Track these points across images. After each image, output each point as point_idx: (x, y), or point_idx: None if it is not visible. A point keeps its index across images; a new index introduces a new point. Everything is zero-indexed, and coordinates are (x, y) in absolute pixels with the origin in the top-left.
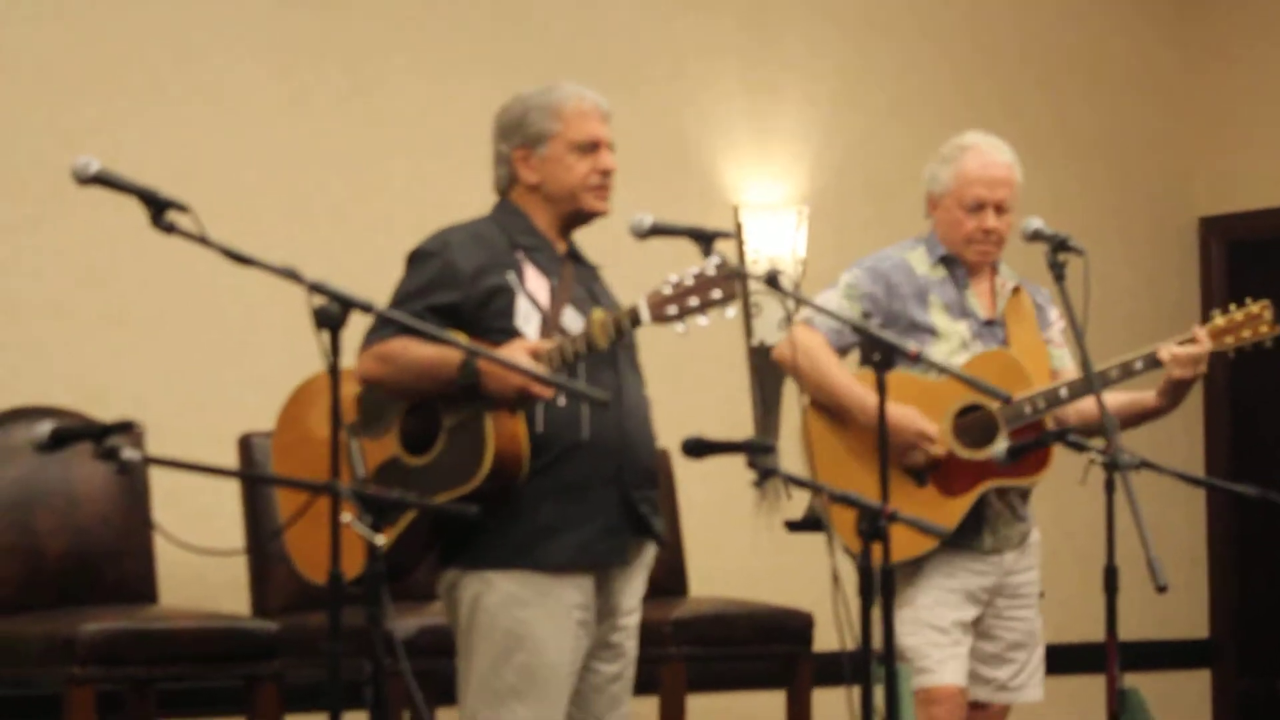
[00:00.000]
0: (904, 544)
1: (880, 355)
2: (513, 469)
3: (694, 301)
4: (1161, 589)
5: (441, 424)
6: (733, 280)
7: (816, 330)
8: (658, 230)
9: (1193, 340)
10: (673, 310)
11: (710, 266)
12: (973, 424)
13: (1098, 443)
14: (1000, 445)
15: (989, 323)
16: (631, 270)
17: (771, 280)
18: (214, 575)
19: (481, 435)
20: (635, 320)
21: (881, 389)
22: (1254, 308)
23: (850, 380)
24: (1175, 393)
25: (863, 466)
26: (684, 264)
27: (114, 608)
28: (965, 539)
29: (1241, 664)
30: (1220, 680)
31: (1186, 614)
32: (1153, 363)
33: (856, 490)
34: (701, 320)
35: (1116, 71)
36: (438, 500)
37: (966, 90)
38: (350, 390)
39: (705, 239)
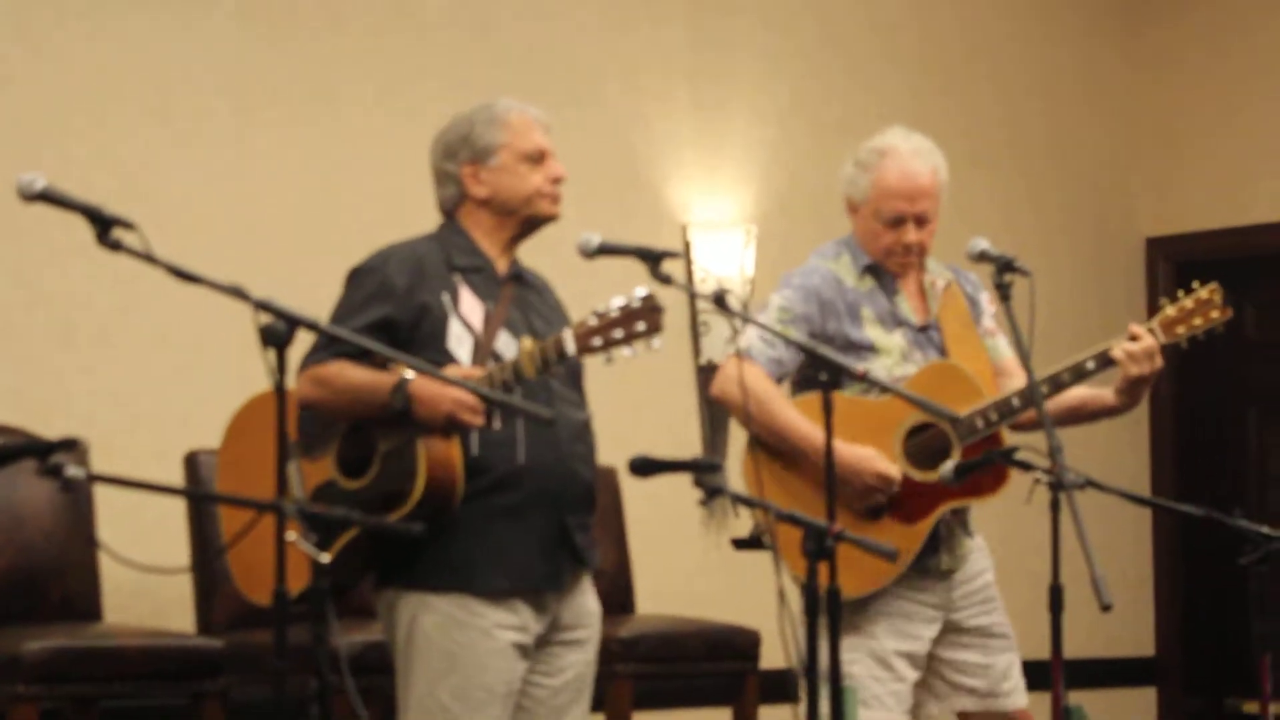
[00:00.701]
0: (863, 578)
1: (828, 376)
2: (445, 495)
3: (618, 334)
4: (1106, 608)
5: (376, 449)
6: (658, 313)
7: (754, 362)
8: (605, 250)
9: (1133, 337)
10: (597, 342)
11: (635, 299)
12: (925, 444)
13: (1043, 462)
14: (946, 465)
15: (924, 329)
16: (579, 290)
17: (719, 300)
18: (159, 593)
19: (413, 461)
20: (560, 353)
21: (828, 409)
22: (1203, 293)
23: (797, 417)
24: (1133, 391)
25: (810, 505)
26: (632, 283)
27: (58, 625)
28: (921, 561)
29: (1187, 682)
30: (1166, 698)
31: (1132, 632)
32: (1105, 361)
33: None
34: (626, 352)
35: (1065, 92)
36: (352, 531)
37: (917, 110)
38: (292, 410)
39: (653, 258)
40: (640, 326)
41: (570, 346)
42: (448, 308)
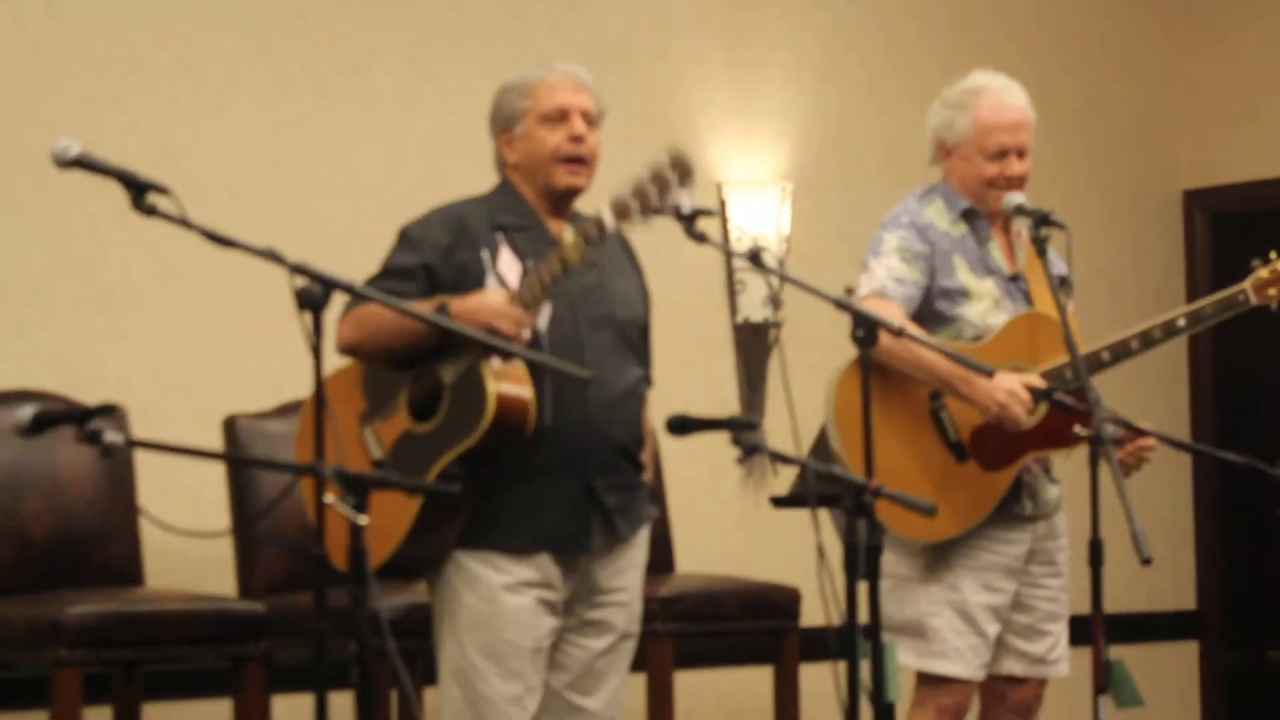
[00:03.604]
0: (941, 523)
1: (863, 331)
2: (519, 417)
3: (654, 195)
4: (1146, 561)
5: (443, 385)
6: (685, 163)
7: (892, 301)
8: None
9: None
10: (635, 206)
11: (659, 159)
12: None
13: (1081, 406)
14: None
15: (1013, 278)
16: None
17: (754, 257)
18: (200, 557)
19: (480, 384)
20: (601, 230)
21: (865, 365)
22: None
23: (946, 355)
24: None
25: (899, 441)
26: (667, 239)
27: (100, 590)
28: (1006, 506)
29: (1229, 635)
30: (1208, 651)
31: (1174, 586)
32: (1170, 331)
33: (897, 465)
34: (665, 209)
35: (1099, 44)
36: (445, 459)
37: (948, 66)
38: (354, 378)
39: (687, 216)
40: (673, 179)
41: (609, 220)
42: (486, 265)
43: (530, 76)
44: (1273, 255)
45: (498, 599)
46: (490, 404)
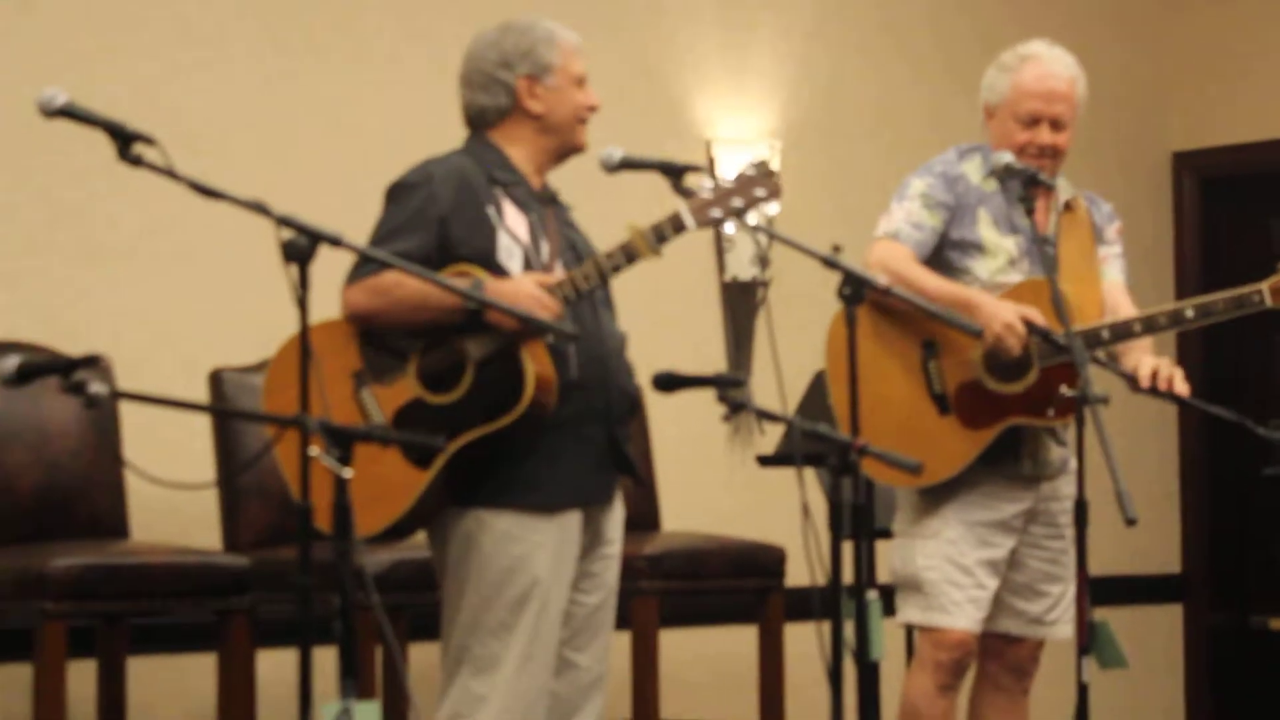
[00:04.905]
0: (938, 464)
1: (850, 289)
2: (547, 399)
3: (738, 202)
4: (1130, 522)
5: (467, 357)
6: (774, 177)
7: (903, 244)
8: (628, 164)
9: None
10: (717, 213)
11: (749, 166)
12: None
13: (1063, 344)
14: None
15: (1040, 240)
16: (601, 204)
17: (742, 215)
18: (185, 510)
19: (519, 366)
20: (679, 226)
21: (851, 324)
22: None
23: (954, 285)
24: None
25: (892, 381)
26: (654, 198)
27: (85, 543)
28: (1004, 465)
29: (1213, 598)
30: (1192, 614)
31: (1159, 548)
32: (1205, 313)
33: (887, 405)
34: (749, 220)
35: (1091, 6)
36: (468, 436)
37: (940, 26)
38: (349, 332)
39: (675, 172)
40: (760, 192)
41: (689, 220)
42: (494, 221)
43: (554, 31)
44: None
45: (532, 559)
46: (530, 387)
